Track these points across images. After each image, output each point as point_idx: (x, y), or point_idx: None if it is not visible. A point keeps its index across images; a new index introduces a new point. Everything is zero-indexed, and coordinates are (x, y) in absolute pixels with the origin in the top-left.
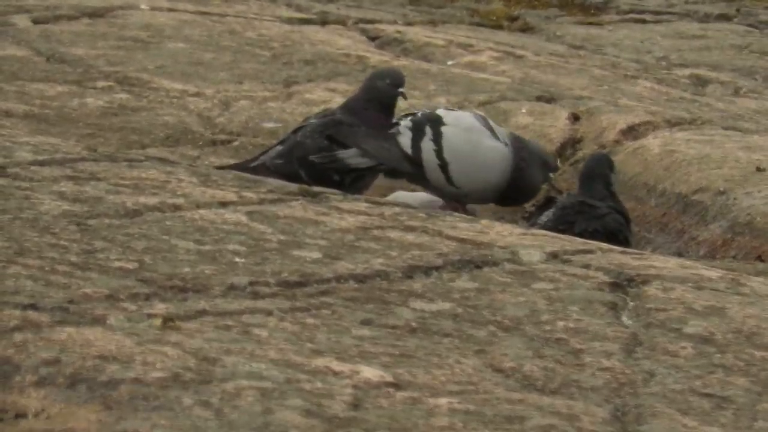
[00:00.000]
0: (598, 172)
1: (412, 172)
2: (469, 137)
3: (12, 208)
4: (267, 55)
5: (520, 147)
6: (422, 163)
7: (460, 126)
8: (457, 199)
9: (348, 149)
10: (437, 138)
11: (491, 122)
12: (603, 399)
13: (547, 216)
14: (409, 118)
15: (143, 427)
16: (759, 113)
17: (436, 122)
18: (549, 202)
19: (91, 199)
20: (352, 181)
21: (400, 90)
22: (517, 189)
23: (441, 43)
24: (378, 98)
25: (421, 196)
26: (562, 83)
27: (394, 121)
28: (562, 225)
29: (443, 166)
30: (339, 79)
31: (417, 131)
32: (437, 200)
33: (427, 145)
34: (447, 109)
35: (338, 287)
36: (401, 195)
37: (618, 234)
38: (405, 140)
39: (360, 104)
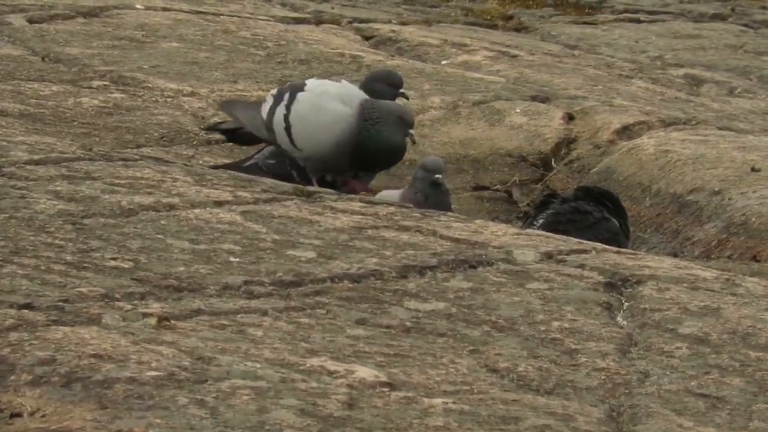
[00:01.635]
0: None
1: (267, 137)
2: (316, 101)
3: (7, 207)
4: (261, 54)
5: (368, 109)
6: (273, 127)
7: (315, 91)
8: (301, 163)
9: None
10: (290, 103)
11: (352, 90)
12: (598, 399)
13: (542, 218)
14: (278, 87)
15: (138, 426)
16: (754, 113)
17: (297, 89)
18: (546, 202)
19: (86, 199)
20: (345, 182)
21: (401, 91)
22: (368, 150)
23: (435, 43)
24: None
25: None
26: (556, 83)
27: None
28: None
29: (287, 128)
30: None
31: (278, 98)
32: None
33: (280, 110)
34: (323, 78)
35: (333, 287)
36: (386, 194)
37: (611, 243)
38: (265, 107)
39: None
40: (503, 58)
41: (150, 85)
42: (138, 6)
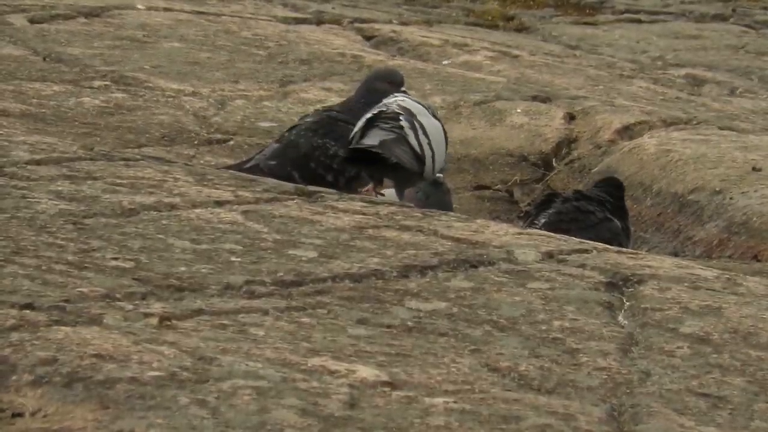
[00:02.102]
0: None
1: (417, 170)
2: (428, 121)
3: (9, 207)
4: (263, 54)
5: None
6: (425, 160)
7: (418, 112)
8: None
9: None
10: (424, 130)
11: (420, 100)
12: (599, 399)
13: (544, 217)
14: (401, 116)
15: (140, 426)
16: (755, 113)
17: (411, 114)
18: (548, 201)
19: (87, 199)
20: (347, 182)
21: (403, 89)
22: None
23: (436, 43)
24: (377, 100)
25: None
26: (557, 83)
27: (385, 120)
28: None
29: (432, 155)
30: (334, 79)
31: (413, 129)
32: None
33: (423, 140)
34: (391, 100)
35: (334, 286)
36: (387, 192)
37: (613, 243)
38: (413, 140)
39: (359, 106)
40: (504, 58)
41: (151, 85)
42: (139, 6)
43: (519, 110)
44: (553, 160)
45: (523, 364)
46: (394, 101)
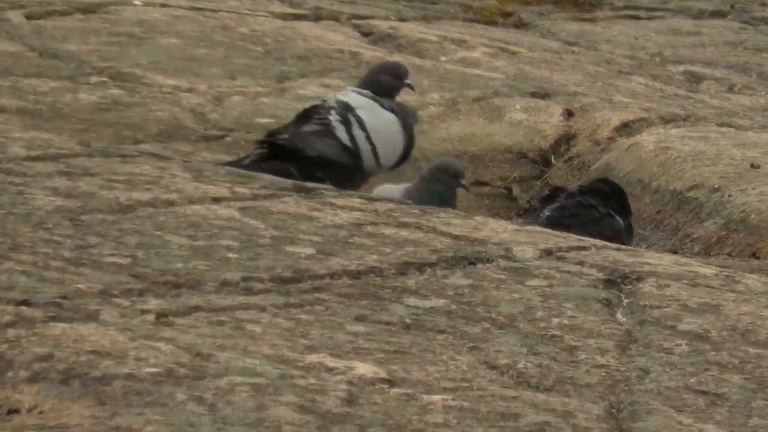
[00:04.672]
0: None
1: (349, 163)
2: (377, 116)
3: (5, 203)
4: (260, 50)
5: (399, 108)
6: (360, 153)
7: (364, 106)
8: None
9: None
10: (362, 124)
11: (374, 96)
12: (598, 396)
13: (548, 211)
14: (332, 110)
15: (137, 423)
16: (753, 110)
17: (348, 109)
18: (552, 196)
19: (84, 195)
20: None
21: (407, 82)
22: (409, 147)
23: (434, 39)
24: (381, 93)
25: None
26: (556, 79)
27: (318, 113)
28: (556, 228)
29: (373, 149)
30: (332, 75)
31: (345, 122)
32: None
33: (359, 134)
34: (335, 95)
35: (332, 283)
36: (387, 188)
37: (614, 241)
38: (342, 133)
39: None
40: (502, 54)
41: (148, 81)
42: (136, 2)
43: (517, 107)
44: (552, 156)
45: (522, 361)
46: (334, 95)
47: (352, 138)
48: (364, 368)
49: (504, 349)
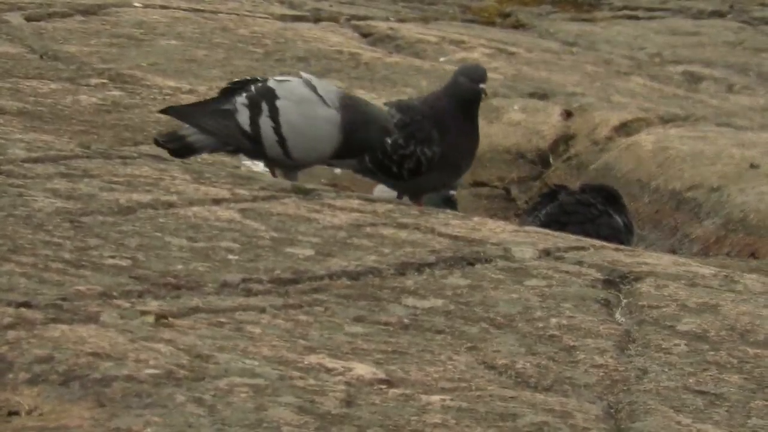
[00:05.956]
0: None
1: (251, 148)
2: (303, 110)
3: (5, 205)
4: (260, 52)
5: (349, 107)
6: (261, 140)
7: (292, 98)
8: (292, 168)
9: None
10: (274, 113)
11: (319, 85)
12: (596, 396)
13: (547, 209)
14: (244, 94)
15: (136, 424)
16: (752, 110)
17: (270, 96)
18: (553, 193)
19: (84, 197)
20: (410, 174)
21: (481, 86)
22: (350, 147)
23: (433, 40)
24: (457, 94)
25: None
26: (554, 80)
27: (238, 92)
28: (555, 225)
29: (281, 141)
30: (332, 76)
31: (254, 108)
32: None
33: (266, 122)
34: (277, 79)
35: (331, 284)
36: (381, 188)
37: (612, 240)
38: (242, 117)
39: (439, 101)
40: (501, 55)
41: (148, 83)
42: (136, 4)
43: (516, 107)
44: (551, 157)
45: (520, 361)
46: (272, 78)
47: (254, 124)
48: (363, 369)
49: (502, 349)
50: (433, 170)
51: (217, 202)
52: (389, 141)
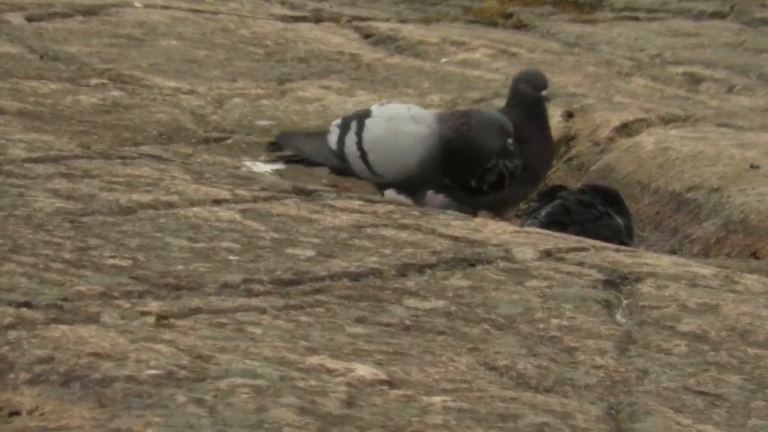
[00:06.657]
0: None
1: (338, 165)
2: (388, 125)
3: (6, 205)
4: (260, 52)
5: (454, 122)
6: (345, 156)
7: (384, 116)
8: (384, 186)
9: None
10: (359, 130)
11: (415, 108)
12: (597, 397)
13: (547, 209)
14: (342, 117)
15: (137, 425)
16: (753, 111)
17: (364, 116)
18: (552, 195)
19: (84, 197)
20: (490, 187)
21: (543, 94)
22: (456, 160)
23: (434, 41)
24: (520, 103)
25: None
26: (556, 81)
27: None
28: (555, 225)
29: (363, 155)
30: (333, 77)
31: (344, 127)
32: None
33: (350, 138)
34: (381, 103)
35: (332, 285)
36: (390, 194)
37: (611, 241)
38: (332, 137)
39: (509, 113)
40: (503, 56)
41: (148, 83)
42: (137, 4)
43: None
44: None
45: (521, 362)
46: (384, 102)
47: (340, 141)
48: (364, 370)
49: (503, 350)
50: (513, 183)
51: (217, 202)
52: (510, 142)
